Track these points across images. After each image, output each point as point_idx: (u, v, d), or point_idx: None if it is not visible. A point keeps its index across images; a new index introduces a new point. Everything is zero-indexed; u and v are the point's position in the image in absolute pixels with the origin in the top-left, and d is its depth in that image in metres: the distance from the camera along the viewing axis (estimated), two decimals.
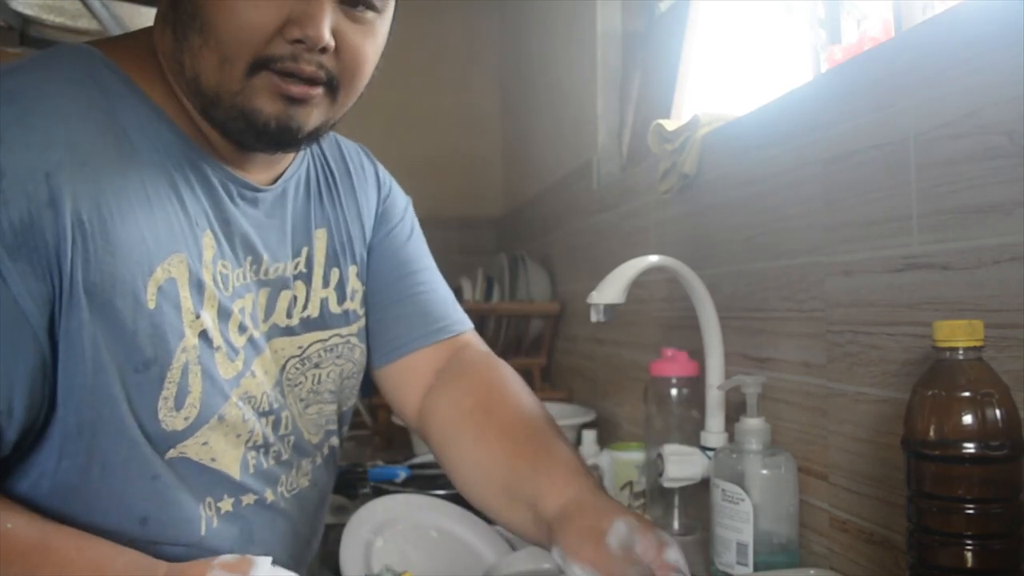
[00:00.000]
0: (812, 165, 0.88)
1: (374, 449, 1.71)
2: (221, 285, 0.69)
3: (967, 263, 0.68)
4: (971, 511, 0.57)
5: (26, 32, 1.66)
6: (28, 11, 1.59)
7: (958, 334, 0.59)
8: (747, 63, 1.35)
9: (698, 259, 1.10)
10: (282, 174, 0.78)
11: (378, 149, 0.97)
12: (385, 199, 0.90)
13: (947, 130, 0.70)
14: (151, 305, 0.63)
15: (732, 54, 1.40)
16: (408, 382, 0.88)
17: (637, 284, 0.94)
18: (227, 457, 0.70)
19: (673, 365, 1.07)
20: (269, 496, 0.74)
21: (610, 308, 0.89)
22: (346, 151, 0.88)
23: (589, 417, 1.49)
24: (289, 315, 0.77)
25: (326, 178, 0.84)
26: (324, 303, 0.81)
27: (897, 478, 0.74)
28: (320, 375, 0.81)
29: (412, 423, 0.90)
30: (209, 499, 0.70)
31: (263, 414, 0.74)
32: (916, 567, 0.60)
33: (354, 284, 0.84)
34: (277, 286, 0.75)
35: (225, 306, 0.69)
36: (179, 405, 0.65)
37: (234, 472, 0.71)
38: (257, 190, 0.74)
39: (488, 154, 2.75)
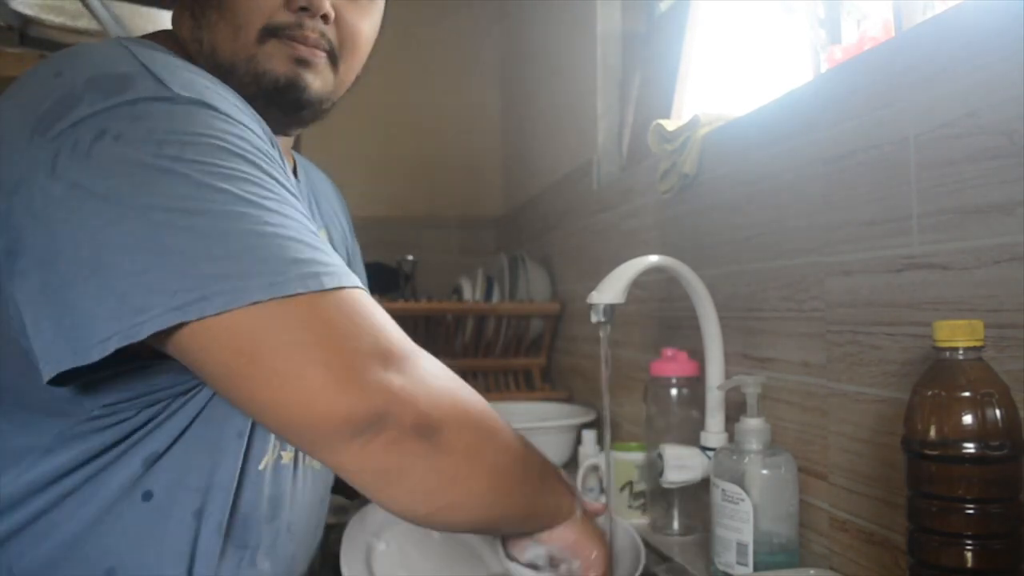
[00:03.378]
0: (812, 165, 0.88)
1: None
2: None
3: (967, 263, 0.68)
4: (971, 511, 0.57)
5: (26, 32, 1.66)
6: (28, 11, 1.59)
7: (958, 334, 0.59)
8: (747, 63, 1.35)
9: (698, 259, 1.10)
10: (294, 172, 0.84)
11: (378, 149, 0.99)
12: (351, 226, 1.00)
13: (947, 130, 0.70)
14: None
15: (732, 54, 1.40)
16: None
17: (637, 284, 0.94)
18: None
19: (673, 365, 1.07)
20: (301, 462, 0.77)
21: (610, 308, 0.89)
22: (319, 177, 0.96)
23: (589, 417, 1.49)
24: None
25: (315, 189, 0.91)
26: None
27: (897, 478, 0.74)
28: None
29: None
30: (266, 457, 0.73)
31: None
32: (916, 567, 0.60)
33: None
34: None
35: None
36: None
37: None
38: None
39: (488, 154, 2.75)
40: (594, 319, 0.89)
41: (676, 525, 1.06)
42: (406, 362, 0.57)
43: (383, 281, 2.18)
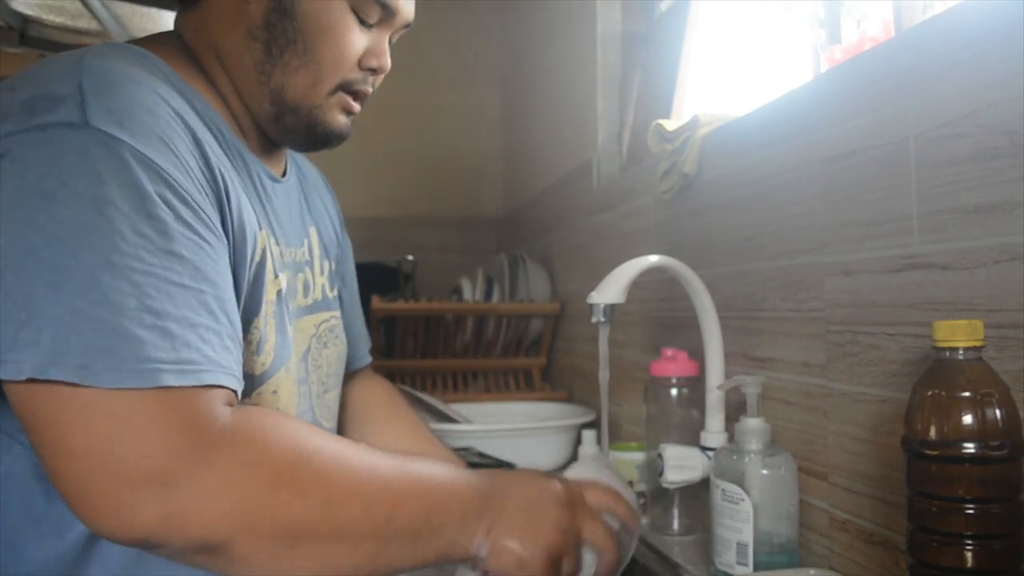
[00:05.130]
0: (812, 165, 0.88)
1: None
2: (277, 259, 0.76)
3: (967, 263, 0.68)
4: (971, 511, 0.57)
5: (26, 32, 1.66)
6: (28, 11, 1.59)
7: (958, 334, 0.59)
8: (747, 63, 1.35)
9: (698, 259, 1.10)
10: (284, 173, 0.85)
11: (378, 149, 1.00)
12: (341, 220, 1.00)
13: (947, 130, 0.70)
14: (257, 257, 0.70)
15: (732, 54, 1.40)
16: None
17: (637, 284, 0.94)
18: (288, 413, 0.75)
19: (673, 365, 1.07)
20: None
21: (610, 308, 0.89)
22: (309, 169, 0.97)
23: (589, 417, 1.49)
24: (305, 296, 0.83)
25: (306, 186, 0.92)
26: (322, 288, 0.88)
27: (897, 478, 0.74)
28: (330, 357, 0.87)
29: None
30: None
31: (300, 382, 0.79)
32: (916, 567, 0.60)
33: (335, 278, 0.93)
34: (296, 269, 0.82)
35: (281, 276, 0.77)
36: (259, 350, 0.71)
37: None
38: (277, 181, 0.82)
39: (488, 154, 2.75)
40: (594, 319, 0.89)
41: (676, 525, 1.06)
42: (197, 473, 0.53)
43: (383, 281, 2.18)
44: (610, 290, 0.89)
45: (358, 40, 0.75)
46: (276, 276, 0.74)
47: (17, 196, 0.56)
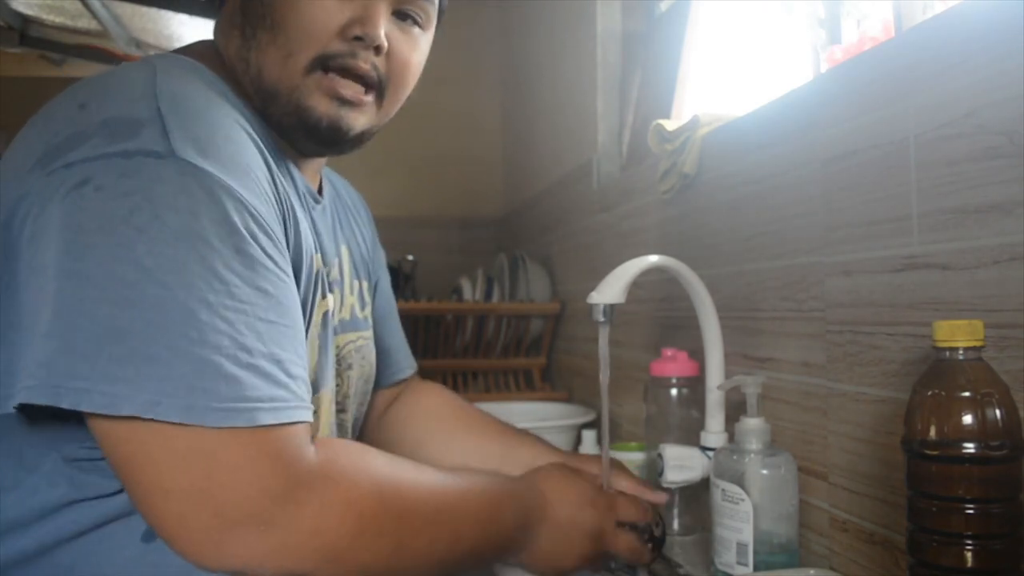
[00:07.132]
0: (812, 165, 0.88)
1: None
2: (324, 279, 0.77)
3: (967, 263, 0.68)
4: (971, 511, 0.57)
5: (26, 32, 1.67)
6: (28, 11, 1.60)
7: (958, 334, 0.59)
8: (747, 63, 1.35)
9: (698, 259, 1.10)
10: (320, 189, 0.84)
11: (379, 149, 1.00)
12: (376, 241, 1.00)
13: (947, 130, 0.70)
14: (309, 281, 0.70)
15: (732, 54, 1.40)
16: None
17: (637, 284, 0.94)
18: (322, 435, 0.76)
19: (673, 365, 1.07)
20: None
21: (610, 308, 0.89)
22: (344, 188, 0.96)
23: (589, 417, 1.49)
24: (333, 315, 0.81)
25: (338, 205, 0.91)
26: (352, 308, 0.87)
27: (897, 478, 0.74)
28: (351, 377, 0.85)
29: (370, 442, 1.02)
30: None
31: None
32: (916, 567, 0.60)
33: (367, 297, 0.92)
34: (328, 288, 0.80)
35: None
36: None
37: None
38: (317, 200, 0.80)
39: (488, 154, 2.75)
40: (594, 319, 0.89)
41: (676, 525, 1.06)
42: (292, 514, 0.56)
43: None
44: (610, 290, 0.89)
45: (331, 9, 0.68)
46: (324, 297, 0.74)
47: (108, 226, 0.55)
